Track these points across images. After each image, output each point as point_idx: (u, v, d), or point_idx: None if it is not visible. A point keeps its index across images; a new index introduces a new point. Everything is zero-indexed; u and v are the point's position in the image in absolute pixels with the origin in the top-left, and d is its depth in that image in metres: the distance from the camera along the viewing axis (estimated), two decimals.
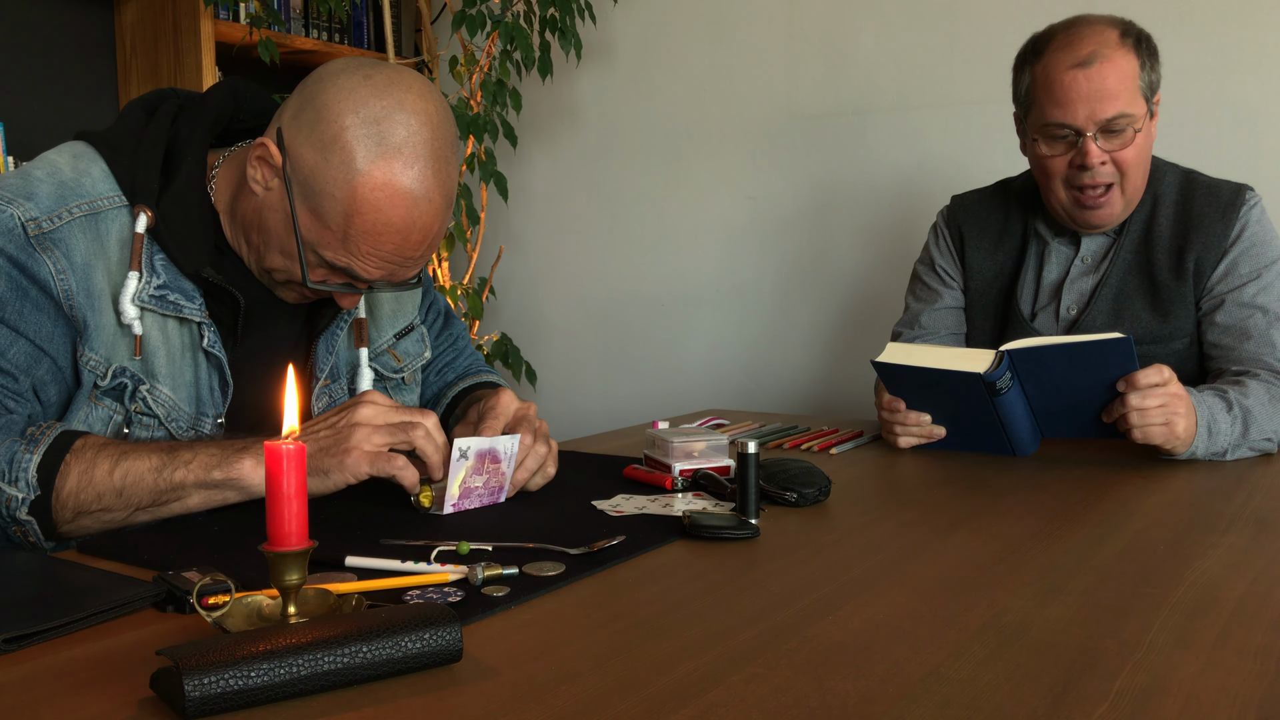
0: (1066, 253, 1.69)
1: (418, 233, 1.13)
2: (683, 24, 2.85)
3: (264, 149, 1.14)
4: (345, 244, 1.12)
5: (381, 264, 1.15)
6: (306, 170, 1.12)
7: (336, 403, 1.33)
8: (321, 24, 3.03)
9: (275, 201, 1.15)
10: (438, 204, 1.14)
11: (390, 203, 1.10)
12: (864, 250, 2.66)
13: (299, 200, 1.13)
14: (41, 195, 1.13)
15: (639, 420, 2.66)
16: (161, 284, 1.16)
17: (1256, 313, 1.55)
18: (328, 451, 1.08)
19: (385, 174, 1.10)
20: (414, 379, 1.44)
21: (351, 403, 1.12)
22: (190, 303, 1.18)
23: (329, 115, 1.11)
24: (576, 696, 0.67)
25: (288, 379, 0.83)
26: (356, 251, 1.13)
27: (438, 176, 1.13)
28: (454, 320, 1.58)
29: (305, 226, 1.13)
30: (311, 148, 1.11)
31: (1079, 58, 1.53)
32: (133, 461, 1.06)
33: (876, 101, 2.60)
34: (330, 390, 1.32)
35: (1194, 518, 1.12)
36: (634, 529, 1.06)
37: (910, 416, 1.51)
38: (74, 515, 1.05)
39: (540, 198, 3.13)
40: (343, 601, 0.78)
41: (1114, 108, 1.52)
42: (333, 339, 1.32)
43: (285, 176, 1.13)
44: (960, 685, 0.68)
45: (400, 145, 1.10)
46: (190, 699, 0.62)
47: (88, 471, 1.05)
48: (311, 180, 1.12)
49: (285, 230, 1.15)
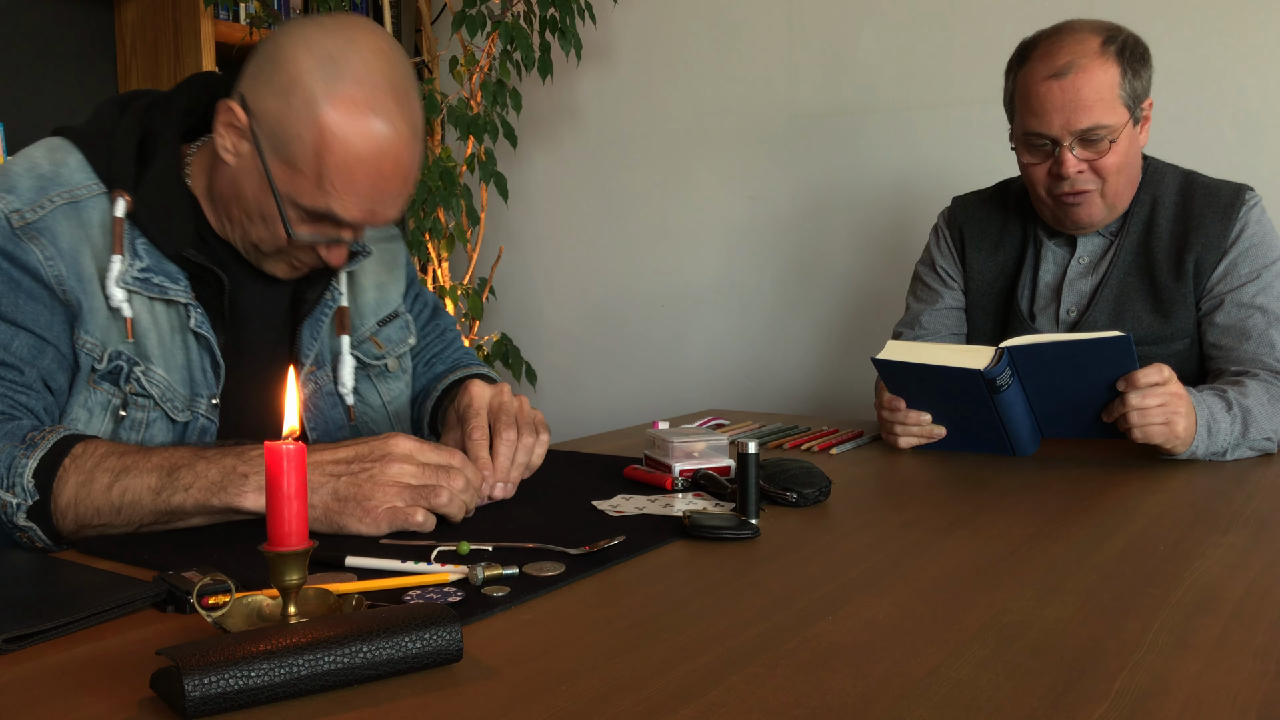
0: (1062, 254, 1.69)
1: (389, 162, 1.14)
2: (683, 24, 2.85)
3: (228, 112, 1.15)
4: (321, 185, 1.13)
5: (359, 200, 1.15)
6: (271, 120, 1.13)
7: (322, 390, 1.34)
8: None
9: (248, 164, 1.17)
10: (405, 133, 1.14)
11: (357, 132, 1.11)
12: (864, 250, 2.66)
13: (269, 153, 1.14)
14: (22, 188, 1.14)
15: (639, 420, 2.66)
16: (145, 266, 1.18)
17: (1256, 313, 1.55)
18: (347, 501, 1.02)
19: (347, 104, 1.11)
20: (400, 366, 1.44)
21: (381, 449, 1.06)
22: (175, 284, 1.19)
23: (284, 62, 1.13)
24: (576, 696, 0.67)
25: (288, 380, 0.82)
26: (333, 190, 1.14)
27: (400, 105, 1.14)
28: (442, 314, 1.58)
29: (280, 179, 1.15)
30: (272, 97, 1.13)
31: (1055, 68, 1.53)
32: (131, 480, 1.04)
33: (876, 102, 2.60)
34: (315, 377, 1.33)
35: (1194, 518, 1.12)
36: (634, 529, 1.06)
37: (910, 416, 1.51)
38: (76, 526, 1.05)
39: (540, 198, 3.13)
40: (343, 601, 0.78)
41: (1089, 119, 1.52)
42: (317, 325, 1.33)
43: (253, 134, 1.14)
44: (960, 685, 0.68)
45: (358, 77, 1.12)
46: (190, 699, 0.62)
47: (86, 484, 1.04)
48: (278, 129, 1.13)
49: (262, 190, 1.16)
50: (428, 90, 2.70)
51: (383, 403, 1.42)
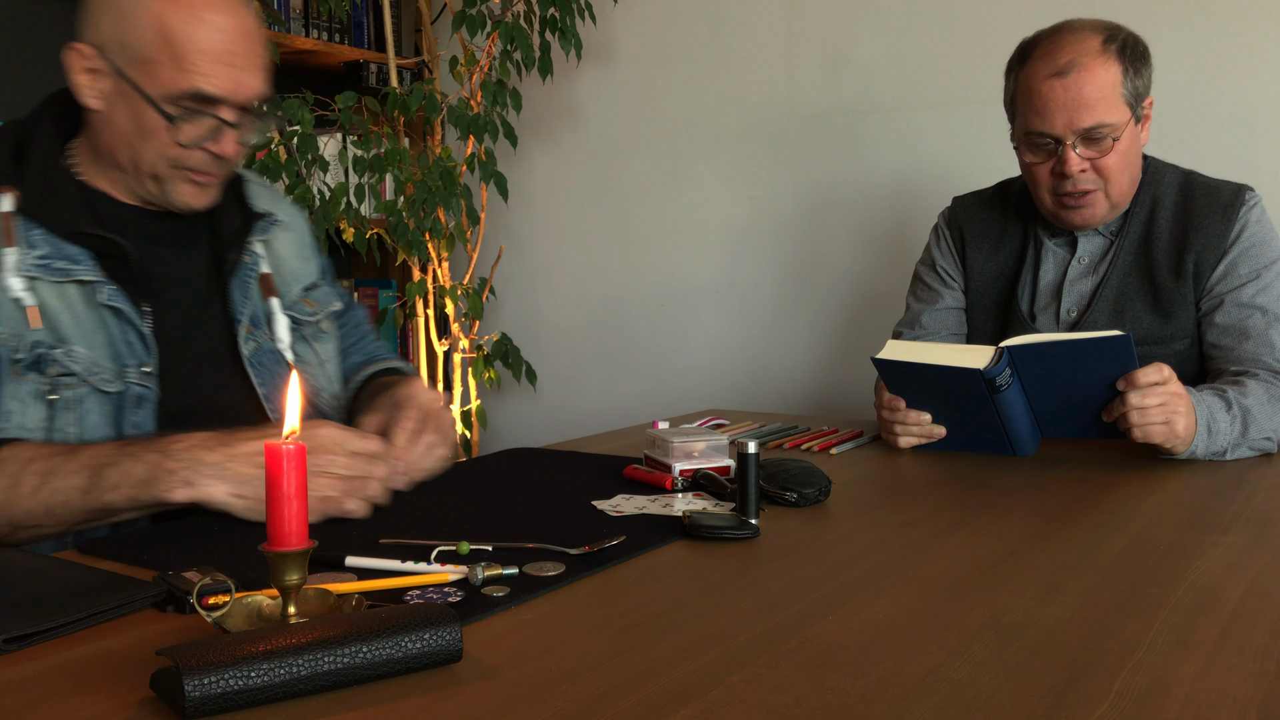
0: (1062, 254, 1.69)
1: (225, 19, 1.20)
2: (683, 24, 2.85)
3: (76, 55, 1.22)
4: (178, 63, 1.19)
5: (217, 67, 1.20)
6: (112, 35, 1.20)
7: (263, 348, 1.38)
8: (321, 24, 3.03)
9: (113, 97, 1.22)
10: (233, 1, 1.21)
11: (188, 4, 1.19)
12: (864, 250, 2.66)
13: (125, 65, 1.20)
14: None
15: (639, 420, 2.66)
16: (43, 254, 1.20)
17: (1256, 313, 1.55)
18: None
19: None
20: (329, 327, 1.50)
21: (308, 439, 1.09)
22: (78, 265, 1.21)
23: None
24: (576, 696, 0.67)
25: (290, 381, 0.82)
26: (190, 64, 1.19)
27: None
28: (356, 305, 1.63)
29: (143, 81, 1.20)
30: (105, 17, 1.21)
31: (1057, 67, 1.53)
32: (58, 481, 1.06)
33: (876, 102, 2.60)
34: (255, 336, 1.37)
35: (1194, 518, 1.12)
36: (634, 529, 1.06)
37: (910, 415, 1.51)
38: (10, 529, 1.06)
39: (540, 198, 3.13)
40: (343, 601, 0.78)
41: (1091, 117, 1.52)
42: (245, 284, 1.37)
43: (104, 59, 1.20)
44: (960, 685, 0.68)
45: None
46: (190, 699, 0.62)
47: (14, 488, 1.06)
48: (120, 38, 1.19)
49: (135, 110, 1.21)
50: (428, 90, 2.70)
51: (319, 361, 1.46)
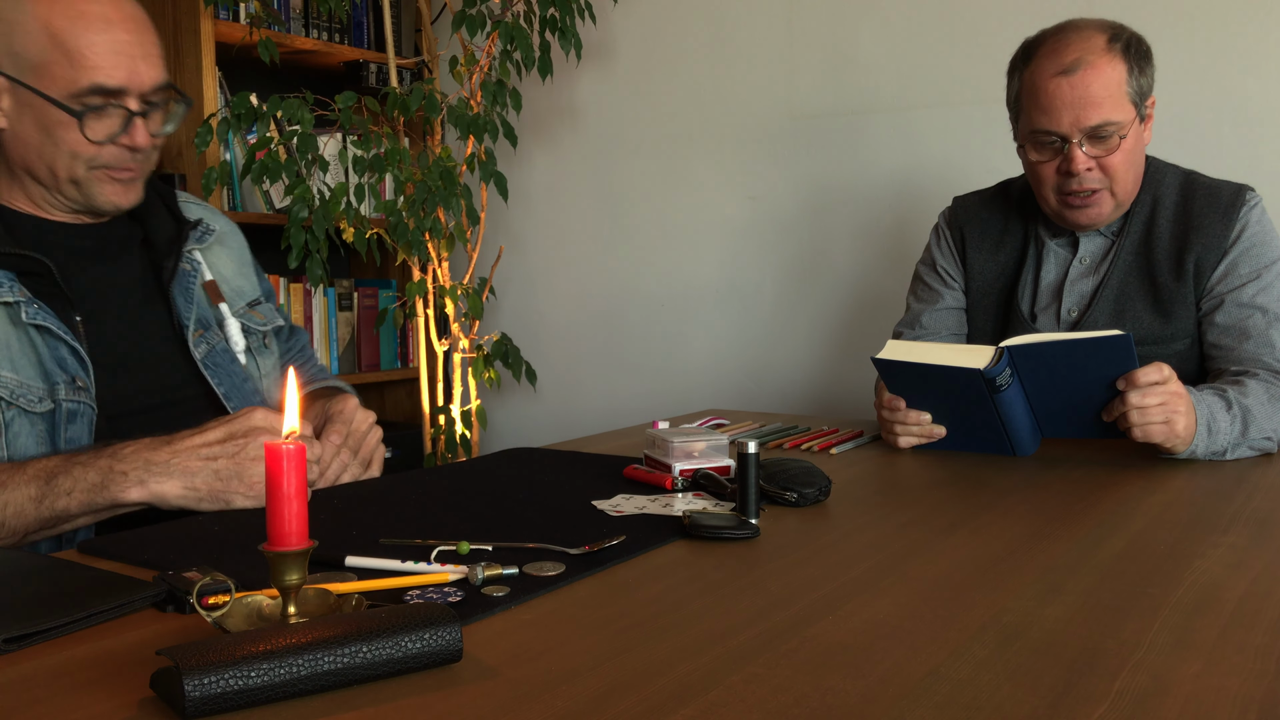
0: (1064, 254, 1.69)
1: (112, 11, 1.20)
2: (683, 24, 2.85)
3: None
4: (72, 61, 1.19)
5: (111, 57, 1.20)
6: (2, 49, 1.20)
7: (215, 349, 1.39)
8: (321, 24, 3.03)
9: (15, 109, 1.22)
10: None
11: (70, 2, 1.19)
12: (864, 250, 2.66)
13: (20, 73, 1.20)
14: None
15: (639, 420, 2.66)
16: None
17: (1256, 313, 1.55)
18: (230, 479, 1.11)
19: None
20: (272, 344, 1.51)
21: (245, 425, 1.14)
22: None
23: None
24: (576, 696, 0.67)
25: (288, 380, 0.82)
26: (83, 60, 1.19)
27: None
28: (298, 329, 1.64)
29: (43, 86, 1.20)
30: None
31: (1063, 65, 1.53)
32: (9, 494, 1.07)
33: (876, 102, 2.60)
34: (207, 338, 1.38)
35: (1194, 518, 1.12)
36: (634, 529, 1.06)
37: (910, 415, 1.51)
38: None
39: (540, 198, 3.13)
40: (343, 601, 0.78)
41: (1098, 115, 1.52)
42: (186, 289, 1.37)
43: (2, 75, 1.20)
44: (960, 685, 0.68)
45: None
46: (190, 699, 0.62)
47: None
48: (10, 48, 1.20)
49: (41, 118, 1.21)
50: (428, 90, 2.70)
51: (260, 374, 1.48)
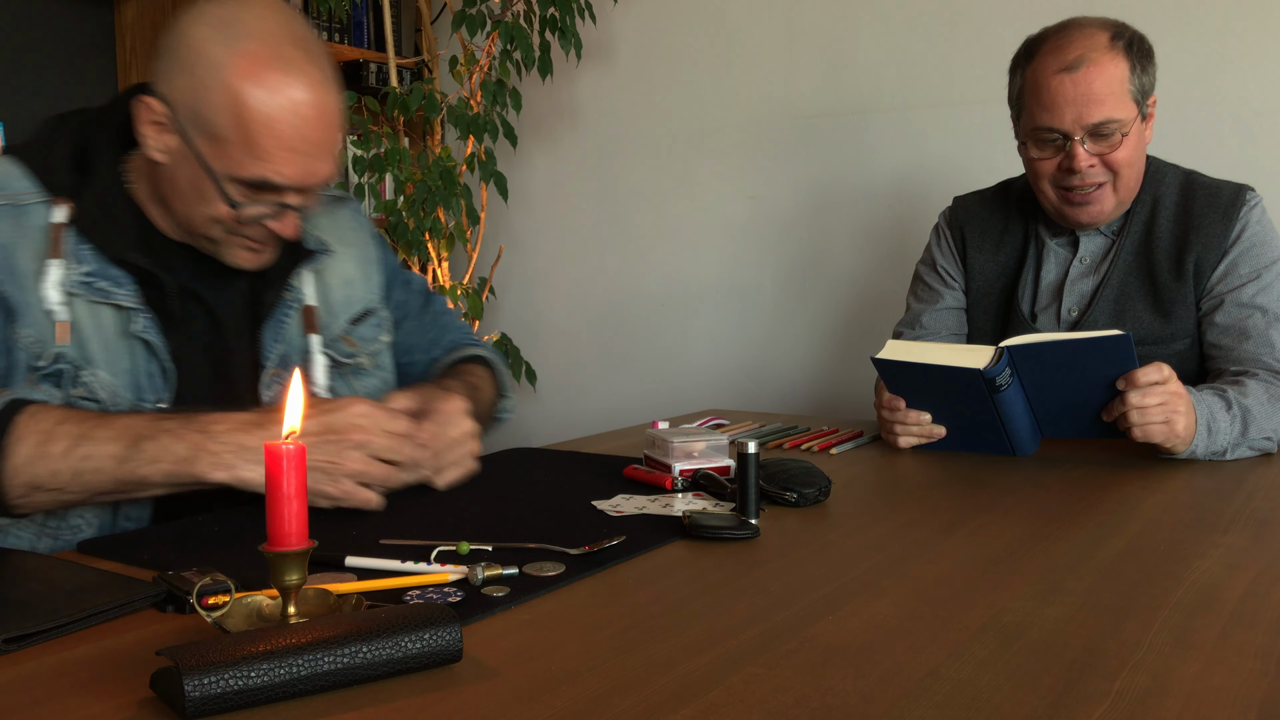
0: (1064, 254, 1.69)
1: (307, 108, 1.15)
2: (683, 24, 2.85)
3: (146, 109, 1.17)
4: (249, 149, 1.14)
5: (289, 155, 1.15)
6: (186, 101, 1.15)
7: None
8: (321, 24, 3.03)
9: (178, 156, 1.18)
10: (315, 77, 1.15)
11: (269, 87, 1.13)
12: (864, 250, 2.66)
13: (194, 134, 1.15)
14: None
15: (639, 420, 2.66)
16: (89, 271, 1.18)
17: (1256, 313, 1.55)
18: (316, 480, 1.08)
19: (252, 60, 1.12)
20: (375, 363, 1.44)
21: (343, 420, 1.10)
22: (119, 289, 1.19)
23: (183, 40, 1.15)
24: (576, 696, 0.67)
25: (292, 380, 0.82)
26: (261, 152, 1.14)
27: (305, 53, 1.15)
28: (435, 297, 1.59)
29: (211, 156, 1.15)
30: (181, 77, 1.15)
31: (1066, 62, 1.53)
32: (92, 447, 1.04)
33: (876, 102, 2.60)
34: (280, 379, 1.32)
35: (1194, 518, 1.12)
36: (634, 529, 1.06)
37: (910, 415, 1.51)
38: (27, 490, 1.04)
39: (540, 198, 3.13)
40: (343, 601, 0.78)
41: (1100, 112, 1.52)
42: (279, 326, 1.32)
43: (174, 121, 1.16)
44: (960, 685, 0.68)
45: (255, 33, 1.13)
46: (190, 699, 0.62)
47: (43, 444, 1.03)
48: (194, 106, 1.14)
49: (198, 176, 1.17)
50: (428, 90, 2.70)
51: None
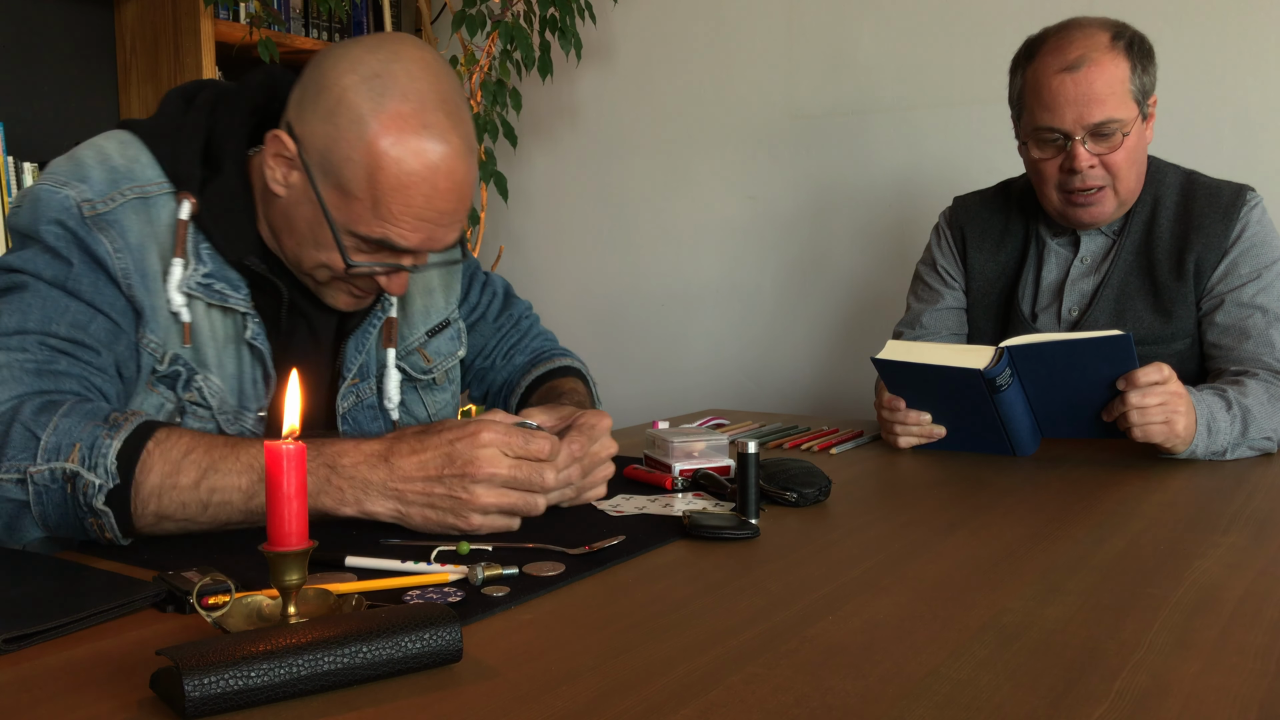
0: (1065, 254, 1.69)
1: (444, 179, 1.10)
2: (683, 24, 2.85)
3: (277, 141, 1.13)
4: (376, 210, 1.10)
5: (416, 223, 1.11)
6: (320, 146, 1.10)
7: (363, 402, 1.30)
8: (321, 24, 3.03)
9: (299, 195, 1.14)
10: (457, 146, 1.11)
11: (410, 150, 1.08)
12: (864, 250, 2.66)
13: (321, 180, 1.11)
14: (94, 179, 1.13)
15: (639, 420, 2.66)
16: (208, 272, 1.16)
17: (1256, 313, 1.55)
18: (445, 513, 1.02)
19: (397, 122, 1.08)
20: (447, 378, 1.41)
21: (467, 454, 1.01)
22: (235, 292, 1.17)
23: (329, 84, 1.10)
24: (576, 696, 0.67)
25: (290, 380, 0.82)
26: (389, 215, 1.10)
27: (451, 119, 1.11)
28: (515, 299, 1.54)
29: (334, 206, 1.11)
30: (320, 121, 1.10)
31: (1067, 62, 1.53)
32: (220, 479, 1.00)
33: (876, 102, 2.60)
34: (357, 390, 1.30)
35: (1194, 518, 1.12)
36: (634, 529, 1.06)
37: (910, 415, 1.51)
38: (156, 519, 1.00)
39: (540, 198, 3.13)
40: (343, 601, 0.78)
41: (1101, 112, 1.52)
42: (364, 338, 1.29)
43: (302, 161, 1.11)
44: (960, 685, 0.68)
45: (406, 92, 1.09)
46: (190, 699, 0.62)
47: (172, 475, 0.99)
48: (328, 154, 1.10)
49: (316, 220, 1.13)
50: None
51: (428, 415, 1.39)
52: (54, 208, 1.10)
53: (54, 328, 1.07)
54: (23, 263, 1.09)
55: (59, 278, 1.09)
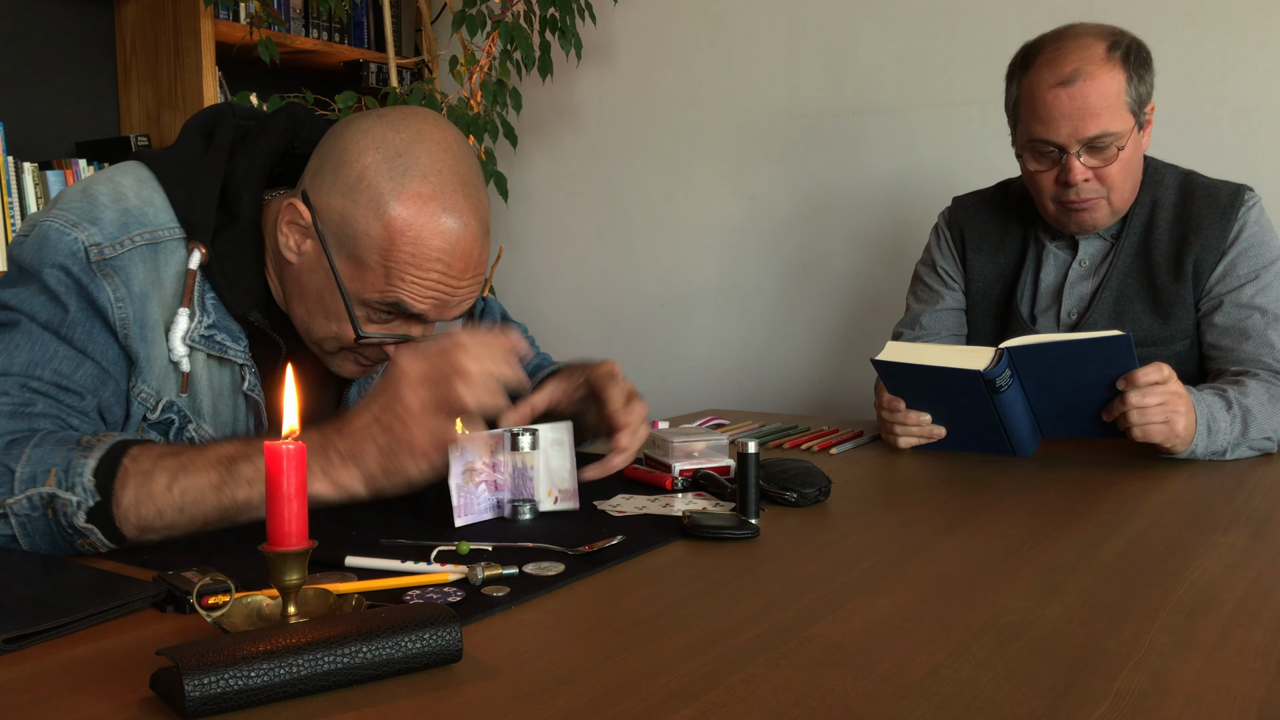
0: (1064, 256, 1.69)
1: (459, 259, 1.11)
2: (683, 24, 2.85)
3: (292, 209, 1.13)
4: (389, 278, 1.10)
5: (431, 298, 1.12)
6: (336, 218, 1.11)
7: None
8: (321, 24, 3.03)
9: (311, 263, 1.14)
10: (474, 228, 1.12)
11: (428, 229, 1.09)
12: (864, 250, 2.66)
13: (335, 250, 1.11)
14: (105, 220, 1.11)
15: None
16: (211, 323, 1.15)
17: (1255, 313, 1.55)
18: (393, 454, 1.00)
19: (416, 200, 1.09)
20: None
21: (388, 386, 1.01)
22: (235, 344, 1.17)
23: (349, 158, 1.11)
24: (576, 696, 0.67)
25: (287, 377, 0.82)
26: (403, 286, 1.11)
27: (469, 200, 1.12)
28: (511, 322, 1.56)
29: (347, 276, 1.12)
30: (338, 195, 1.11)
31: (1062, 75, 1.52)
32: (190, 478, 1.00)
33: (876, 102, 2.60)
34: None
35: (1194, 518, 1.12)
36: (634, 529, 1.06)
37: (910, 416, 1.51)
38: (139, 531, 1.00)
39: (540, 198, 3.14)
40: (343, 601, 0.78)
41: (1096, 126, 1.51)
42: (366, 383, 1.30)
43: (317, 231, 1.12)
44: (960, 685, 0.68)
45: (426, 173, 1.10)
46: (190, 699, 0.62)
47: (145, 485, 1.00)
48: (344, 227, 1.10)
49: (327, 289, 1.13)
50: (428, 90, 2.70)
51: None
52: (61, 251, 1.09)
53: (38, 371, 1.07)
54: (19, 301, 1.09)
55: (53, 322, 1.09)
